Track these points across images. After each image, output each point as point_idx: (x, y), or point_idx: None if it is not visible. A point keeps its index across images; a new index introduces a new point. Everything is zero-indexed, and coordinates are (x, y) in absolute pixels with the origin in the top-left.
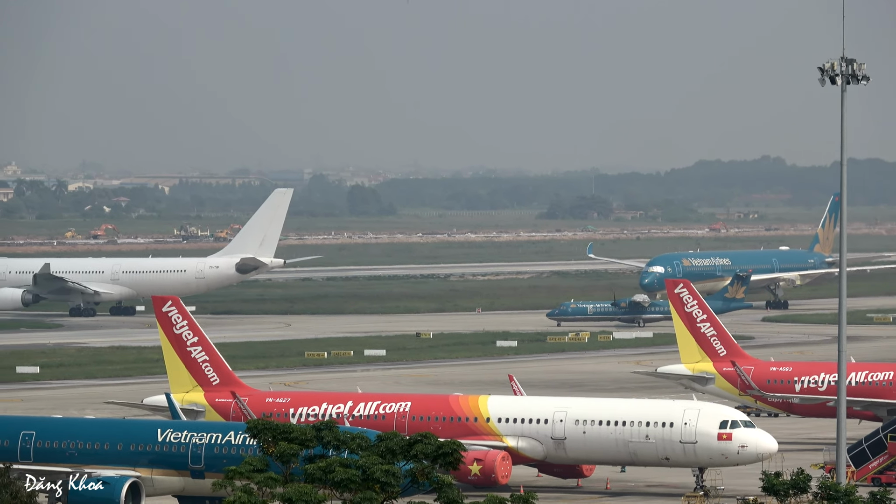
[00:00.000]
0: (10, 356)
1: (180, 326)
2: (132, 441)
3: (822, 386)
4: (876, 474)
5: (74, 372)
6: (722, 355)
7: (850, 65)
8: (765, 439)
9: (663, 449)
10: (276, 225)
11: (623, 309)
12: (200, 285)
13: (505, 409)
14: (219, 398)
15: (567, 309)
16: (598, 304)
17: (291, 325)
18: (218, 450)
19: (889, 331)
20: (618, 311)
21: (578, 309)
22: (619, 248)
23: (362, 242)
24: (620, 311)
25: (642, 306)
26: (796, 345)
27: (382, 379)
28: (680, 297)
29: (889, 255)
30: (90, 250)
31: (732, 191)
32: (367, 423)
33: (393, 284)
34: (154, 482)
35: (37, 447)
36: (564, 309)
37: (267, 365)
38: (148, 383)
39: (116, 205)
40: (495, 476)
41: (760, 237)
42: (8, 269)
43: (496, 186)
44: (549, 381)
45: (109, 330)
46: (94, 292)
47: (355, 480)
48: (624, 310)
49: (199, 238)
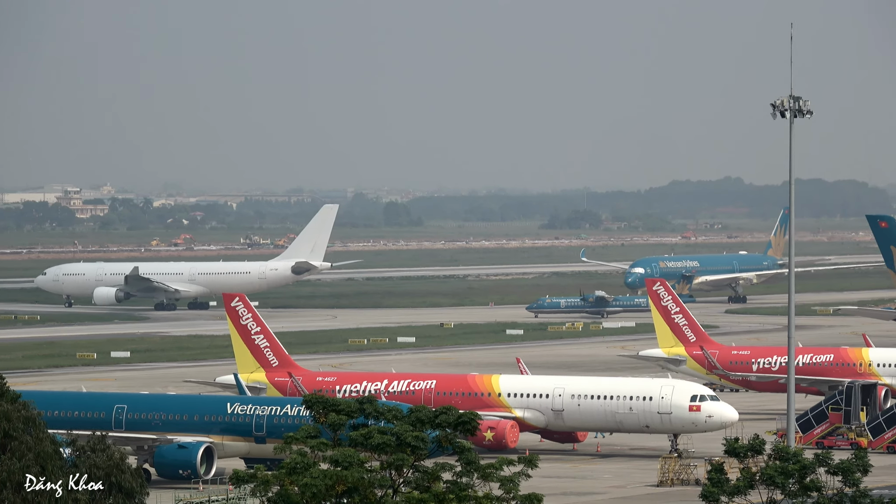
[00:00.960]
0: (106, 343)
1: (246, 318)
2: (206, 413)
3: (775, 366)
4: (819, 439)
5: (158, 356)
6: (692, 341)
7: (797, 101)
8: (728, 410)
9: (644, 419)
10: (324, 234)
11: (590, 303)
12: (262, 284)
13: (513, 386)
14: (277, 377)
15: (543, 303)
16: (568, 299)
17: (337, 317)
18: (277, 420)
19: (830, 321)
20: (585, 305)
21: (553, 303)
22: (608, 253)
23: (395, 249)
24: (588, 304)
25: (606, 301)
26: (753, 332)
27: (412, 361)
28: (657, 293)
29: (830, 259)
30: (171, 256)
31: (700, 205)
32: (399, 398)
33: (420, 284)
34: (224, 447)
35: (128, 418)
36: (541, 303)
37: (317, 350)
38: (219, 365)
39: (193, 218)
40: (505, 441)
41: (723, 243)
42: (104, 272)
43: (506, 202)
44: (550, 363)
45: (187, 321)
46: (175, 290)
47: (391, 444)
48: (591, 304)
49: (261, 246)
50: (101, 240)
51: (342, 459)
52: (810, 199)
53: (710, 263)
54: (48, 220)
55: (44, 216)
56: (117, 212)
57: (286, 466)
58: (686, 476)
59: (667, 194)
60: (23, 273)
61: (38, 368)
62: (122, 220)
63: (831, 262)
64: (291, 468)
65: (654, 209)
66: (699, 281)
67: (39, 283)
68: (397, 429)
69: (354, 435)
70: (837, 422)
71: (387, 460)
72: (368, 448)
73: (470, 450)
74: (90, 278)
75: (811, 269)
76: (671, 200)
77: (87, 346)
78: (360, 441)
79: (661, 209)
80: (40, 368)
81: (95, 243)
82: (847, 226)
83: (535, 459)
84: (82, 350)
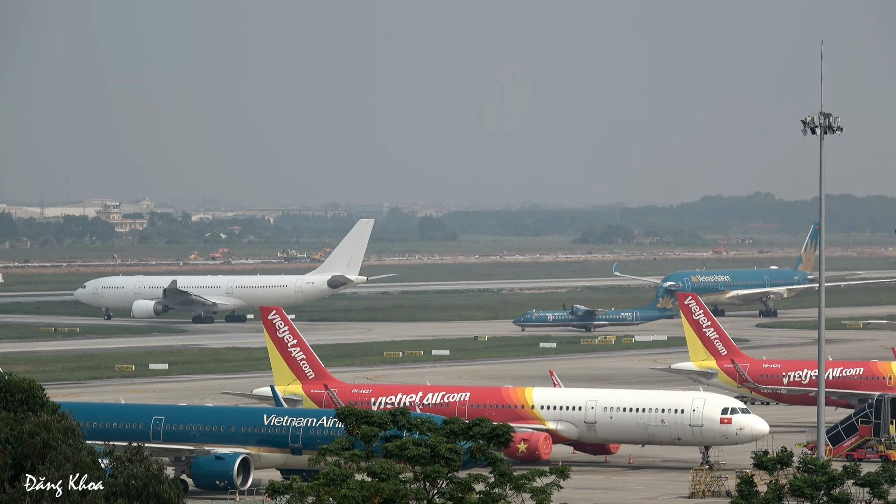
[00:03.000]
0: (145, 355)
1: (282, 331)
2: (243, 424)
3: (805, 379)
4: (849, 452)
5: (196, 368)
6: (723, 354)
7: (826, 118)
8: (758, 423)
9: (676, 431)
10: (360, 248)
11: (579, 317)
12: (299, 298)
13: (546, 399)
14: (314, 389)
15: (531, 317)
16: (556, 313)
17: (373, 330)
18: (313, 431)
19: (859, 335)
20: (574, 319)
21: (540, 317)
22: (640, 268)
23: (430, 263)
24: (577, 318)
25: (593, 314)
26: (784, 346)
27: (447, 374)
28: (689, 307)
29: (859, 273)
30: (209, 269)
31: (731, 221)
32: (434, 410)
33: (455, 297)
34: (261, 458)
35: (166, 429)
36: (529, 317)
37: (353, 362)
38: (256, 377)
39: (231, 232)
40: (538, 453)
41: (754, 258)
42: (143, 285)
43: (539, 217)
44: (582, 376)
45: (225, 334)
46: (213, 303)
47: (425, 456)
48: (580, 317)
49: (298, 259)
50: (139, 253)
51: (380, 471)
52: (840, 214)
53: (741, 278)
54: (88, 233)
55: (84, 230)
56: (156, 226)
57: (324, 477)
58: (717, 488)
59: (698, 210)
60: (63, 286)
61: (78, 380)
62: (161, 234)
63: (861, 276)
64: (330, 479)
65: (685, 224)
66: (731, 295)
67: (79, 296)
68: (431, 440)
69: (390, 446)
70: (867, 434)
71: (421, 471)
72: (403, 459)
73: (503, 461)
74: (129, 291)
75: (841, 283)
76: (702, 216)
77: (125, 358)
78: (395, 452)
79: (693, 224)
80: (79, 380)
81: (134, 257)
82: (876, 241)
83: (567, 470)
84: (121, 362)
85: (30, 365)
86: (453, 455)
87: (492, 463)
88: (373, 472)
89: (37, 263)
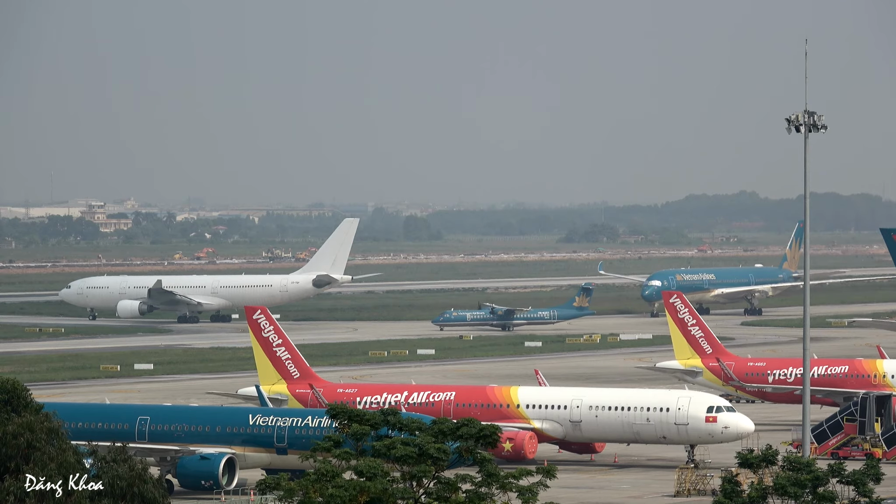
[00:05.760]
0: (130, 355)
1: (267, 331)
2: (228, 424)
3: (790, 378)
4: (834, 450)
5: (181, 368)
6: (708, 353)
7: (811, 116)
8: (744, 421)
9: (661, 429)
10: (345, 248)
11: (498, 316)
12: (284, 297)
13: (532, 398)
14: (299, 389)
15: (450, 316)
16: (475, 312)
17: (358, 330)
18: (298, 431)
19: (844, 333)
20: (493, 318)
21: (459, 316)
22: (625, 266)
23: (415, 262)
24: (496, 317)
25: (513, 313)
26: (769, 344)
27: (432, 373)
28: (674, 305)
29: (844, 271)
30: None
31: (716, 219)
32: (419, 409)
33: (440, 296)
34: (246, 458)
35: (151, 429)
36: (448, 316)
37: (338, 362)
38: (241, 377)
39: (215, 232)
40: (524, 452)
41: (739, 257)
42: (128, 285)
43: (524, 217)
44: (568, 375)
45: (210, 334)
46: (198, 303)
47: (413, 456)
48: (499, 316)
49: (283, 259)
50: (124, 253)
51: (366, 470)
52: (825, 212)
53: (726, 276)
54: (73, 234)
55: (68, 230)
56: (141, 226)
57: (314, 474)
58: (703, 486)
59: (683, 208)
60: (48, 286)
61: (63, 380)
62: (146, 233)
63: (846, 274)
64: (320, 475)
65: (670, 223)
66: (715, 293)
67: (64, 297)
68: (420, 440)
69: (378, 446)
70: (852, 432)
71: (409, 471)
72: (391, 459)
73: (490, 461)
74: (114, 291)
75: (826, 281)
76: (687, 214)
77: (110, 358)
78: (384, 452)
79: (678, 223)
80: (64, 380)
81: (119, 257)
82: (861, 239)
83: (553, 470)
84: (106, 362)
85: (14, 365)
86: (441, 455)
87: (479, 462)
88: (359, 472)
89: (21, 264)
